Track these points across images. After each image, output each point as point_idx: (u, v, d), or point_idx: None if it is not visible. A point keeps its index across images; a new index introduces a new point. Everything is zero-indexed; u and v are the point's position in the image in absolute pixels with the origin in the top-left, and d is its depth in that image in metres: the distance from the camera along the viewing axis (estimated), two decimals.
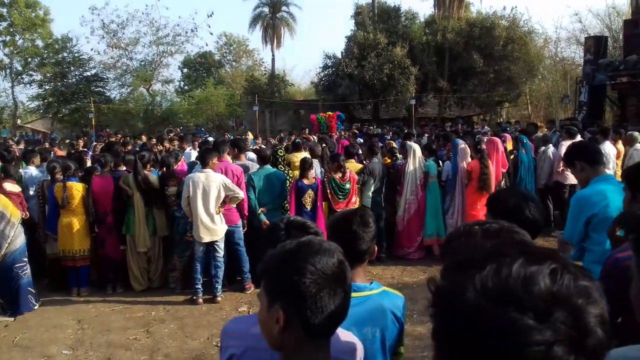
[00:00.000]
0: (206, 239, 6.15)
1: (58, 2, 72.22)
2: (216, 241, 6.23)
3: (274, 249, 1.30)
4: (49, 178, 6.83)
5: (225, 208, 6.29)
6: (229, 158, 6.95)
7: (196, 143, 10.87)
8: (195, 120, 33.04)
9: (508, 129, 12.18)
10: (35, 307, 6.15)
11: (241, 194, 6.26)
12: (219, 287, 6.31)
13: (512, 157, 8.58)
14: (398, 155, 8.21)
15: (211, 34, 42.43)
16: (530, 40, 27.39)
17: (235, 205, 6.43)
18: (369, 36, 26.65)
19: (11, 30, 33.81)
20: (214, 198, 6.11)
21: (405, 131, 10.73)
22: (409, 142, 7.95)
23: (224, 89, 33.63)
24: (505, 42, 26.02)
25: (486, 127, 17.97)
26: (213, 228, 6.15)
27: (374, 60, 25.50)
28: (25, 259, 6.07)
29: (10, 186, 6.53)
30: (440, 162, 7.97)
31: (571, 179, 8.40)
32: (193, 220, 6.16)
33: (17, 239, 5.93)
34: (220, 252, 6.28)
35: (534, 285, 0.68)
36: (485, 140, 7.90)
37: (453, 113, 30.48)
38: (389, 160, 8.32)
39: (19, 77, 35.21)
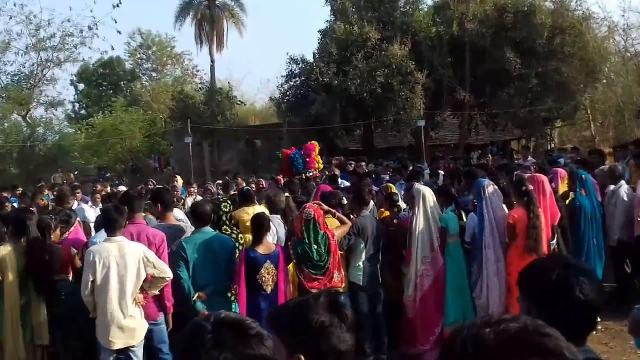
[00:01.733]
0: (119, 344, 6.00)
1: None
2: (132, 346, 6.09)
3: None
4: None
5: (144, 296, 6.20)
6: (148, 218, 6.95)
7: (98, 197, 10.76)
8: (97, 160, 33.04)
9: (561, 160, 12.36)
10: None
11: (169, 273, 6.18)
12: None
13: (567, 202, 8.61)
14: (401, 204, 8.23)
15: (119, 32, 42.29)
16: (587, 30, 27.74)
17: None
18: (354, 29, 27.02)
19: None
20: (132, 282, 5.98)
21: (411, 168, 10.83)
22: (416, 185, 7.93)
23: (140, 112, 33.75)
24: (552, 34, 26.51)
25: (530, 158, 18.14)
26: (130, 327, 6.03)
27: (361, 64, 25.76)
28: None
29: None
30: (463, 213, 7.94)
31: None
32: (98, 318, 6.01)
33: None
34: None
35: None
36: (527, 178, 7.85)
37: (482, 138, 31.06)
38: (387, 213, 8.25)
39: None
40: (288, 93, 30.63)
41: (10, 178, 30.41)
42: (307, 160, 14.35)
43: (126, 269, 5.94)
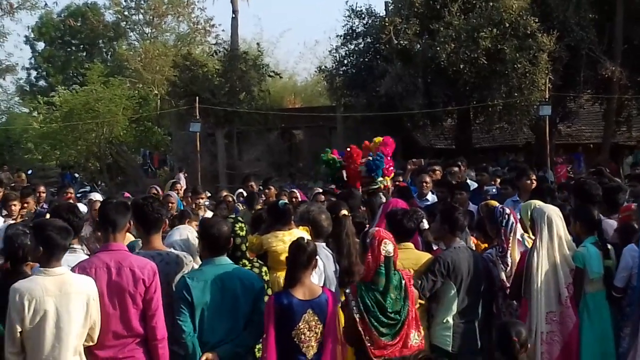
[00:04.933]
0: None
1: None
2: None
3: None
4: None
5: (122, 356, 5.10)
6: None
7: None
8: (61, 154, 28.12)
9: None
10: None
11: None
12: None
13: None
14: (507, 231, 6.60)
15: None
16: None
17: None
18: None
19: None
20: (75, 334, 4.93)
21: (532, 176, 9.18)
22: (538, 204, 6.53)
23: (125, 84, 28.73)
24: None
25: None
26: None
27: (456, 20, 20.02)
28: None
29: None
30: (609, 247, 6.37)
31: None
32: None
33: None
34: None
35: None
36: None
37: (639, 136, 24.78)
38: (483, 245, 7.02)
39: None
40: (345, 61, 23.99)
41: None
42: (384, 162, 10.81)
43: (69, 315, 4.95)
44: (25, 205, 10.26)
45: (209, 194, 12.40)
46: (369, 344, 5.30)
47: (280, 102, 30.19)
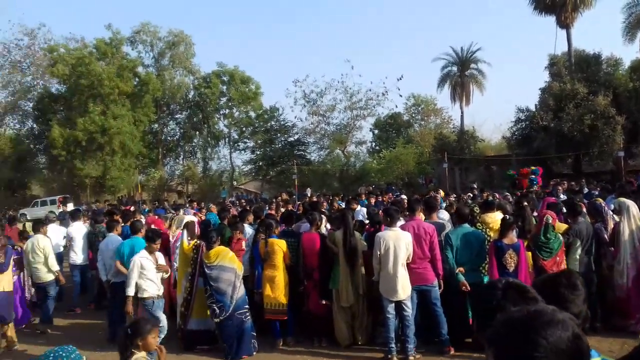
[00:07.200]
0: (396, 297, 6.17)
1: (266, 77, 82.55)
2: (403, 300, 6.20)
3: (491, 308, 1.35)
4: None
5: (421, 267, 6.29)
6: (421, 216, 6.98)
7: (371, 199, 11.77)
8: (385, 178, 33.53)
9: None
10: (254, 353, 6.59)
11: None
12: (411, 346, 6.22)
13: None
14: (605, 215, 7.27)
15: (400, 96, 44.07)
16: None
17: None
18: (566, 86, 25.34)
19: (230, 104, 40.10)
20: (402, 257, 6.16)
21: (620, 186, 9.74)
22: (622, 200, 7.14)
23: (413, 147, 33.87)
24: None
25: None
26: (402, 286, 6.17)
27: (572, 111, 24.02)
28: (247, 307, 6.69)
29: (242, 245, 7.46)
30: None
31: None
32: (381, 279, 6.23)
33: (240, 287, 6.64)
34: (408, 311, 6.22)
35: None
36: None
37: None
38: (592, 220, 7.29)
39: (235, 144, 41.65)
40: (515, 132, 29.62)
41: (334, 189, 32.70)
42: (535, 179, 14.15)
43: (399, 248, 6.12)
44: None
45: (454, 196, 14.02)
46: (537, 259, 6.46)
47: (484, 152, 35.33)
